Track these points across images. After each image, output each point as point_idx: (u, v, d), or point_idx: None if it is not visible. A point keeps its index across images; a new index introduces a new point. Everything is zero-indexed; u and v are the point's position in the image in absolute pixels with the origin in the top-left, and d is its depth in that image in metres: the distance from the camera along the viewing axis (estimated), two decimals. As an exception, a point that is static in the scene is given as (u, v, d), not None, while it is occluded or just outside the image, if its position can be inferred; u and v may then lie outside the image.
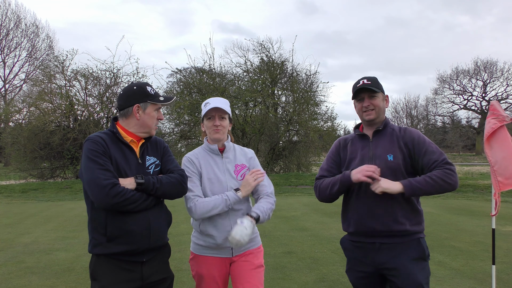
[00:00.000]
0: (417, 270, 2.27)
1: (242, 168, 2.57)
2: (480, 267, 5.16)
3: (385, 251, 2.33)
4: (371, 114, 2.44)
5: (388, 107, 2.58)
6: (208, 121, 2.54)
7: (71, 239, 7.00)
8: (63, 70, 19.92)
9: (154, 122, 2.33)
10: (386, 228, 2.30)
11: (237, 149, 2.65)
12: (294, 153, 21.44)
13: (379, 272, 2.37)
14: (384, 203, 2.31)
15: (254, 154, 2.70)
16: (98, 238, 2.17)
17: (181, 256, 5.66)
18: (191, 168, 2.51)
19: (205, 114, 2.53)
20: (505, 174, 3.58)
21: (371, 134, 2.48)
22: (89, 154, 2.13)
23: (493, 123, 3.65)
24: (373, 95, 2.44)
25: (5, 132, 22.11)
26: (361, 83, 2.45)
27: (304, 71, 22.68)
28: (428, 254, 2.37)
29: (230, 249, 2.48)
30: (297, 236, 7.00)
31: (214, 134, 2.52)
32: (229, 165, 2.55)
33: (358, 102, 2.50)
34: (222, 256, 2.50)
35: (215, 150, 2.56)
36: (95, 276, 2.20)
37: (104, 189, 2.04)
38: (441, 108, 54.13)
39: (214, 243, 2.45)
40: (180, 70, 21.78)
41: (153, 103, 2.31)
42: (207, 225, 2.45)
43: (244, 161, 2.60)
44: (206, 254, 2.51)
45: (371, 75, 2.51)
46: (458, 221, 8.44)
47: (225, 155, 2.57)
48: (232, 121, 2.76)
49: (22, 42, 39.26)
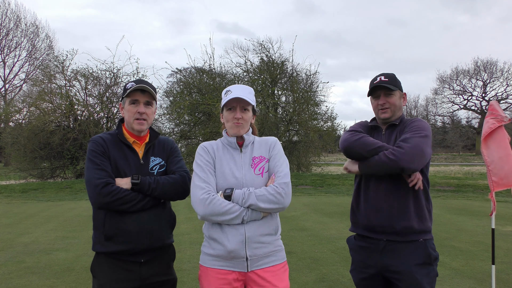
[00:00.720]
0: (421, 275, 2.24)
1: (261, 160, 2.22)
2: (480, 267, 5.16)
3: (390, 253, 2.31)
4: (386, 112, 2.40)
5: (405, 105, 2.54)
6: (228, 112, 2.20)
7: (71, 239, 7.00)
8: (63, 70, 19.94)
9: (132, 116, 2.26)
10: (393, 223, 2.28)
11: (257, 140, 2.30)
12: (294, 153, 21.44)
13: (382, 274, 2.35)
14: (392, 199, 2.30)
15: (277, 141, 2.31)
16: (98, 236, 2.22)
17: (181, 256, 5.66)
18: (204, 156, 2.18)
19: (225, 104, 2.20)
20: (500, 174, 3.58)
21: (385, 128, 2.46)
22: (89, 154, 2.19)
23: (491, 123, 3.65)
24: (389, 93, 2.39)
25: (5, 132, 22.11)
26: (378, 80, 2.40)
27: (304, 71, 22.74)
28: (435, 257, 2.32)
29: (244, 260, 2.07)
30: (297, 236, 7.00)
31: (234, 128, 2.19)
32: (247, 159, 2.22)
33: (374, 99, 2.46)
34: (234, 269, 2.08)
35: (233, 143, 2.22)
36: (94, 274, 2.25)
37: (96, 188, 2.08)
38: (441, 108, 54.23)
39: (224, 250, 2.06)
40: (180, 70, 21.84)
41: (125, 96, 2.27)
42: (217, 228, 2.11)
43: (264, 152, 2.24)
44: (216, 267, 2.11)
45: (389, 72, 2.46)
46: (458, 221, 8.43)
47: (244, 150, 2.24)
48: (256, 112, 2.41)
49: (22, 42, 39.29)
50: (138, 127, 2.26)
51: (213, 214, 2.04)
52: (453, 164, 35.63)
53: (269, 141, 2.28)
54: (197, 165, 2.16)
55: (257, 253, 2.08)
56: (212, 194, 2.06)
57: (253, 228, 2.08)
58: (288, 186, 2.11)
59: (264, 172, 2.18)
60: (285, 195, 2.09)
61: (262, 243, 2.09)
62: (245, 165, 2.19)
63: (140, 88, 2.24)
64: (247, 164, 2.19)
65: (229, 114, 2.20)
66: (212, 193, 2.06)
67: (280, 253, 2.18)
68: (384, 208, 2.31)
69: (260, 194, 2.06)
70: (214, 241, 2.11)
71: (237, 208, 2.04)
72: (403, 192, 2.29)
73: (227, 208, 2.02)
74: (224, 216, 2.03)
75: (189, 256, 5.72)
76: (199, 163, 2.16)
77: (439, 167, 30.10)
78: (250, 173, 2.16)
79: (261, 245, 2.09)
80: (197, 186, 2.08)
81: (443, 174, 22.04)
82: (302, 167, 22.00)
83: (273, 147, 2.25)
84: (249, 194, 2.06)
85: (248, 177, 2.15)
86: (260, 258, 2.09)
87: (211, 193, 2.06)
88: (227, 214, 2.02)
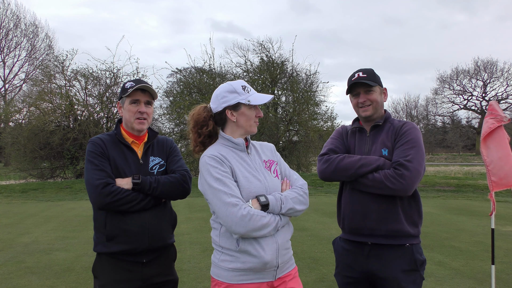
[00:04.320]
0: (407, 282, 2.16)
1: (272, 163, 2.11)
2: (480, 267, 5.16)
3: (376, 257, 2.22)
4: (367, 110, 2.28)
5: (386, 101, 2.41)
6: (252, 110, 2.03)
7: (71, 239, 7.00)
8: (63, 70, 19.95)
9: (132, 116, 2.25)
10: (380, 225, 2.19)
11: (257, 144, 2.19)
12: (294, 153, 21.44)
13: (367, 279, 2.27)
14: (380, 201, 2.19)
15: (273, 146, 2.27)
16: (99, 237, 2.22)
17: (181, 256, 5.66)
18: (221, 168, 1.92)
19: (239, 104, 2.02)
20: (499, 174, 3.58)
21: (369, 129, 2.35)
22: (88, 155, 2.19)
23: (490, 123, 3.65)
24: (369, 89, 2.26)
25: (5, 132, 22.11)
26: (356, 76, 2.28)
27: (304, 71, 22.74)
28: (421, 262, 2.22)
29: (275, 269, 1.95)
30: (297, 236, 7.00)
31: (252, 127, 2.04)
32: (257, 162, 2.08)
33: (353, 97, 2.34)
34: (264, 280, 1.95)
35: (241, 145, 2.03)
36: (96, 274, 2.25)
37: (96, 188, 2.08)
38: (441, 108, 54.30)
39: (259, 262, 1.88)
40: (180, 70, 21.83)
41: (125, 96, 2.26)
42: (250, 239, 1.89)
43: (270, 156, 2.15)
44: (246, 281, 1.91)
45: (367, 67, 2.33)
46: (458, 221, 8.44)
47: (249, 151, 2.10)
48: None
49: (22, 42, 39.29)
50: (139, 126, 2.26)
51: (254, 230, 1.85)
52: (453, 164, 35.65)
53: (269, 146, 2.22)
54: (215, 179, 1.89)
55: (285, 259, 2.01)
56: (247, 208, 1.85)
57: (282, 234, 1.98)
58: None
59: (278, 174, 2.11)
60: (308, 195, 2.13)
61: (287, 248, 2.03)
62: (259, 168, 2.05)
63: (142, 87, 2.25)
64: (261, 167, 2.06)
65: (252, 112, 2.03)
66: (247, 207, 1.86)
67: (292, 256, 2.13)
68: (372, 210, 2.21)
69: (293, 197, 2.00)
70: (246, 254, 1.89)
71: (273, 218, 1.91)
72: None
73: (266, 221, 1.87)
74: (263, 230, 1.87)
75: (189, 256, 5.72)
76: (218, 176, 1.89)
77: (439, 167, 30.10)
78: (269, 176, 2.05)
79: (287, 251, 2.03)
80: (228, 204, 1.84)
81: (443, 174, 22.04)
82: (302, 167, 22.00)
83: (275, 152, 2.20)
84: (285, 198, 1.97)
85: (269, 179, 2.04)
86: (284, 264, 2.02)
87: (246, 208, 1.85)
88: (267, 227, 1.87)
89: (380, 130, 2.32)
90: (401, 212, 2.20)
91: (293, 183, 2.10)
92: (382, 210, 2.19)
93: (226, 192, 1.86)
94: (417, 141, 2.17)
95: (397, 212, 2.19)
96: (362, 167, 2.18)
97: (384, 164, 2.18)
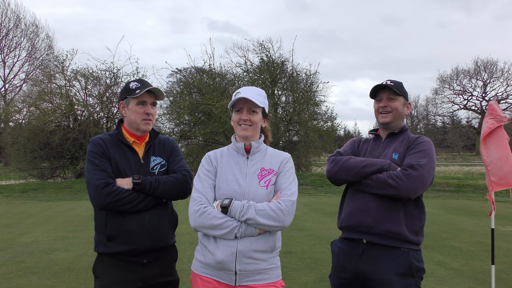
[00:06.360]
0: (400, 286, 2.11)
1: (269, 173, 2.09)
2: (480, 267, 5.16)
3: (369, 258, 2.20)
4: (387, 116, 2.32)
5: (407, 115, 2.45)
6: (236, 114, 2.12)
7: (71, 239, 7.00)
8: (63, 70, 19.94)
9: (139, 117, 2.25)
10: (377, 224, 2.17)
11: (269, 151, 2.19)
12: (294, 153, 21.42)
13: (359, 281, 2.25)
14: (381, 199, 2.19)
15: (290, 158, 2.20)
16: (100, 237, 2.21)
17: (181, 256, 5.63)
18: (205, 166, 2.12)
19: (233, 106, 2.13)
20: (498, 175, 3.58)
21: (385, 137, 2.40)
22: (88, 155, 2.19)
23: (490, 123, 3.65)
24: (392, 97, 2.30)
25: (5, 132, 22.10)
26: (383, 83, 2.33)
27: (304, 71, 22.72)
28: (418, 269, 2.17)
29: (233, 274, 1.96)
30: (297, 236, 7.00)
31: (240, 130, 2.10)
32: (254, 168, 2.10)
33: (376, 102, 2.38)
34: (222, 281, 1.98)
35: (240, 148, 2.13)
36: (97, 275, 2.24)
37: (96, 189, 2.08)
38: (441, 108, 54.25)
39: (213, 260, 1.97)
40: (180, 70, 21.82)
41: (132, 97, 2.25)
42: (209, 236, 2.02)
43: (274, 166, 2.11)
44: (204, 274, 2.03)
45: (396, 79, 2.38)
46: (458, 221, 8.44)
47: (251, 157, 2.13)
48: (268, 117, 2.31)
49: (22, 42, 39.29)
50: (146, 127, 2.28)
51: (204, 227, 1.96)
52: (453, 164, 35.64)
53: (281, 156, 2.17)
54: (197, 176, 2.12)
55: (248, 268, 1.96)
56: (204, 205, 1.97)
57: (246, 243, 1.95)
58: (293, 205, 1.98)
59: (269, 185, 2.05)
60: (287, 213, 1.96)
61: (254, 259, 1.96)
62: (250, 174, 2.07)
63: (150, 90, 2.26)
64: (252, 173, 2.07)
65: (236, 116, 2.11)
66: (205, 205, 1.97)
67: (274, 271, 2.05)
68: (372, 208, 2.20)
69: (261, 209, 1.93)
70: (205, 248, 2.02)
71: (230, 223, 1.92)
72: None
73: (219, 223, 1.92)
74: (215, 231, 1.94)
75: (189, 256, 5.72)
76: (200, 173, 2.11)
77: (439, 167, 30.09)
78: (254, 183, 2.04)
79: (253, 261, 1.96)
80: (191, 198, 2.06)
81: (443, 174, 22.05)
82: (302, 167, 21.99)
83: (285, 163, 2.14)
84: (248, 207, 1.93)
85: (252, 186, 2.03)
86: (251, 274, 1.96)
87: (204, 205, 1.97)
88: (218, 229, 1.93)
89: (395, 138, 2.36)
90: (402, 215, 2.19)
91: (281, 197, 2.02)
92: (382, 209, 2.19)
93: (196, 189, 2.06)
94: (430, 153, 2.21)
95: (398, 213, 2.18)
96: (365, 167, 2.21)
97: (389, 166, 2.19)
